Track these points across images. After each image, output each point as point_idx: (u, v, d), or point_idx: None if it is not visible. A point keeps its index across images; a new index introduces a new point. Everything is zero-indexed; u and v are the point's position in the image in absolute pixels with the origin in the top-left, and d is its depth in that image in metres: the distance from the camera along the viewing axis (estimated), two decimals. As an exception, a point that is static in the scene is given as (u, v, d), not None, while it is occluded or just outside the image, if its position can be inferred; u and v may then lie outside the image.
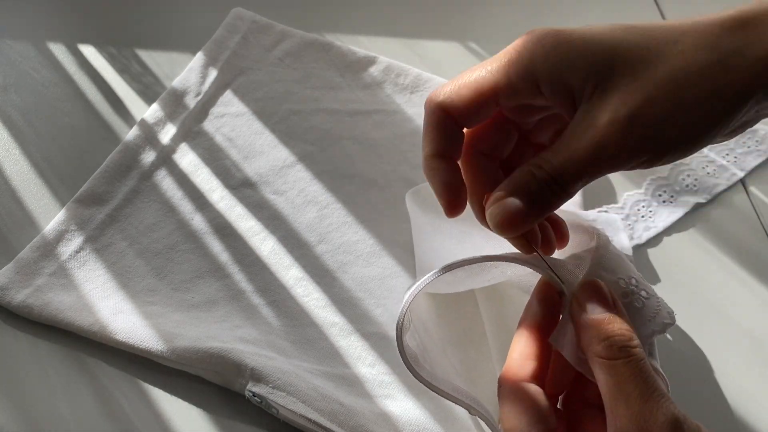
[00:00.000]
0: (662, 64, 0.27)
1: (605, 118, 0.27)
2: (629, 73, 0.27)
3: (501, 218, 0.28)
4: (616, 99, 0.27)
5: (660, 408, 0.26)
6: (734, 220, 0.50)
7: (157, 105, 0.51)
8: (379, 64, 0.57)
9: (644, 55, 0.27)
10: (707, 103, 0.26)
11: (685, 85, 0.26)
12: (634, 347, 0.27)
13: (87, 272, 0.43)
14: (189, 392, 0.39)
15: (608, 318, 0.28)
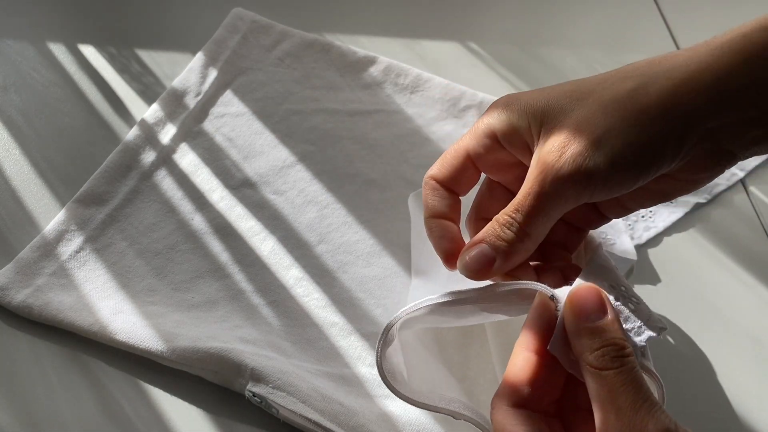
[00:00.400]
0: (593, 97, 0.30)
1: (547, 151, 0.30)
2: (566, 112, 0.31)
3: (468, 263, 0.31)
4: (557, 134, 0.30)
5: (651, 418, 0.26)
6: (734, 220, 0.50)
7: (157, 105, 0.51)
8: (379, 64, 0.57)
9: (577, 94, 0.31)
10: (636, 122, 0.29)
11: (613, 109, 0.30)
12: (627, 356, 0.27)
13: (87, 272, 0.43)
14: (189, 392, 0.39)
15: (600, 326, 0.28)
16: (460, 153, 0.34)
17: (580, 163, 0.29)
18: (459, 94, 0.56)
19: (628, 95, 0.30)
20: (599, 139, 0.29)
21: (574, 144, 0.29)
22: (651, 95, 0.29)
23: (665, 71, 0.30)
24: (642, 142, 0.29)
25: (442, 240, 0.34)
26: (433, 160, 0.51)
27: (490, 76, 0.59)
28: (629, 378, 0.26)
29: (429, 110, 0.55)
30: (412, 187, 0.50)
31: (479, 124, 0.34)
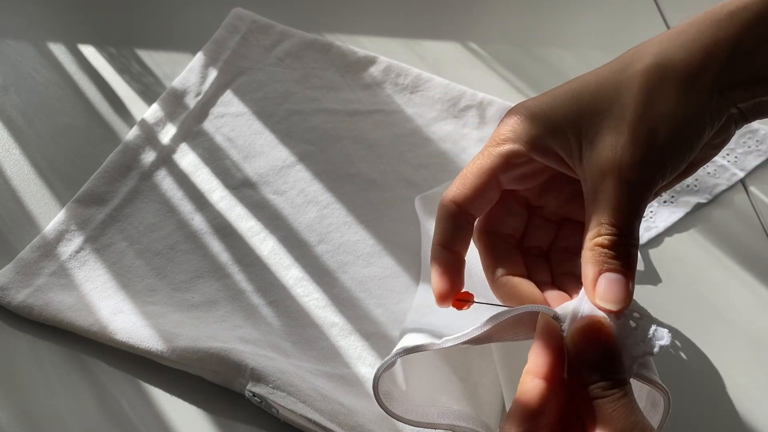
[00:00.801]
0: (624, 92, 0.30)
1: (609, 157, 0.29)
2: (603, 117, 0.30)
3: (612, 294, 0.29)
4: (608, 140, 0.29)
5: None
6: (734, 220, 0.50)
7: (157, 105, 0.51)
8: (379, 64, 0.57)
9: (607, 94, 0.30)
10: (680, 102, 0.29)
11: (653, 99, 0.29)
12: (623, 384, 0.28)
13: (87, 272, 0.43)
14: (189, 392, 0.39)
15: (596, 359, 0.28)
16: (484, 172, 0.32)
17: (648, 155, 0.29)
18: (459, 94, 0.56)
19: (659, 78, 0.29)
20: (653, 128, 0.29)
21: (634, 139, 0.29)
22: (680, 73, 0.29)
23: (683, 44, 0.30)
24: (689, 117, 0.29)
25: (443, 277, 0.32)
26: (433, 160, 0.52)
27: (490, 76, 0.59)
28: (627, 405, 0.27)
29: (429, 110, 0.55)
30: (412, 187, 0.50)
31: (502, 141, 0.32)
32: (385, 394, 0.34)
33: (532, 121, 0.31)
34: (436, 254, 0.33)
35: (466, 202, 0.33)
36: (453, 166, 0.52)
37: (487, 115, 0.55)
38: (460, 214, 0.33)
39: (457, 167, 0.51)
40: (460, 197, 0.33)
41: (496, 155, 0.32)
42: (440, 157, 0.52)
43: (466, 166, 0.33)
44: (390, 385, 0.34)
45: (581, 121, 0.30)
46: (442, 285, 0.32)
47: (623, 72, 0.30)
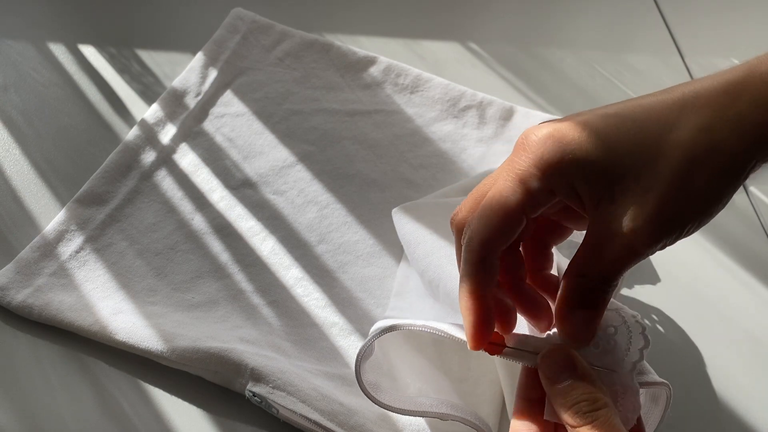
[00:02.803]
0: (663, 160, 0.28)
1: (628, 225, 0.28)
2: (634, 177, 0.29)
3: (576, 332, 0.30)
4: (631, 204, 0.28)
5: None
6: (734, 220, 0.50)
7: (157, 105, 0.51)
8: (379, 64, 0.57)
9: (644, 155, 0.29)
10: (713, 187, 0.28)
11: (689, 178, 0.28)
12: (599, 408, 0.28)
13: (87, 272, 0.43)
14: (189, 392, 0.39)
15: (569, 385, 0.29)
16: (511, 211, 0.30)
17: (664, 235, 0.28)
18: (459, 94, 0.56)
19: (702, 159, 0.28)
20: (679, 213, 0.28)
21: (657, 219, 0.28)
22: (725, 161, 0.28)
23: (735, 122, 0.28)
24: (719, 205, 0.29)
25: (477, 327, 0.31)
26: (433, 160, 0.52)
27: (490, 76, 0.59)
28: (603, 430, 0.27)
29: (429, 110, 0.55)
30: (412, 187, 0.50)
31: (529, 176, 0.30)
32: (373, 385, 0.34)
33: (563, 161, 0.29)
34: (468, 303, 0.31)
35: (496, 244, 0.31)
36: (453, 166, 0.52)
37: (487, 115, 0.55)
38: (490, 257, 0.31)
39: (457, 167, 0.52)
40: (489, 240, 0.30)
41: (524, 193, 0.30)
42: (440, 157, 0.52)
43: (488, 201, 0.31)
44: (378, 377, 0.35)
45: (612, 175, 0.29)
46: (477, 334, 0.31)
47: (667, 133, 0.29)
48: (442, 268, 0.38)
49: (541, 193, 0.30)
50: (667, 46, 0.63)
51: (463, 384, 0.40)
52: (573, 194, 0.30)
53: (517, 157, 0.31)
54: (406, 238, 0.42)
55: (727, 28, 0.65)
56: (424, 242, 0.41)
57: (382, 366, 0.36)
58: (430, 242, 0.40)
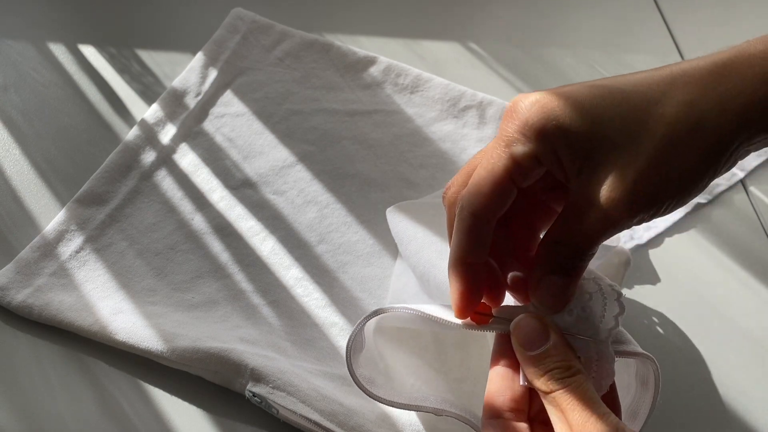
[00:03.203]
0: (646, 133, 0.28)
1: (605, 195, 0.28)
2: (616, 148, 0.29)
3: (548, 298, 0.30)
4: (611, 175, 0.28)
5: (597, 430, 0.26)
6: (734, 220, 0.50)
7: (157, 105, 0.51)
8: (379, 64, 0.57)
9: (628, 127, 0.29)
10: (695, 164, 0.28)
11: (672, 152, 0.28)
12: (573, 374, 0.28)
13: (87, 272, 0.43)
14: (189, 392, 0.39)
15: (543, 353, 0.29)
16: (500, 178, 0.30)
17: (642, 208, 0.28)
18: (459, 94, 0.56)
19: (685, 136, 0.28)
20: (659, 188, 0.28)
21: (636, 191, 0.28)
22: (708, 137, 0.28)
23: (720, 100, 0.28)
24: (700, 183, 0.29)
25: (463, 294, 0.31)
26: (433, 160, 0.52)
27: (490, 76, 0.59)
28: (576, 395, 0.27)
29: (429, 110, 0.55)
30: (412, 187, 0.50)
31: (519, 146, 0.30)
32: (367, 379, 0.34)
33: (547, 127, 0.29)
34: (456, 270, 0.31)
35: (486, 212, 0.31)
36: (453, 166, 0.52)
37: (487, 115, 0.55)
38: (480, 224, 0.31)
39: (457, 167, 0.51)
40: (479, 209, 0.31)
41: (509, 158, 0.30)
42: (440, 157, 0.52)
43: (477, 170, 0.31)
44: (374, 373, 0.35)
45: (594, 143, 0.29)
46: (462, 301, 0.31)
47: (652, 106, 0.29)
48: (432, 263, 0.38)
49: (526, 159, 0.30)
50: (667, 46, 0.63)
51: (462, 384, 0.40)
52: (556, 162, 0.30)
53: (505, 125, 0.31)
54: (399, 236, 0.42)
55: (727, 27, 0.65)
56: (416, 239, 0.41)
57: (378, 365, 0.36)
58: (422, 238, 0.40)
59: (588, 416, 0.27)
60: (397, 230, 0.43)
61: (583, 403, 0.27)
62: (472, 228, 0.31)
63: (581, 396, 0.27)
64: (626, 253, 0.45)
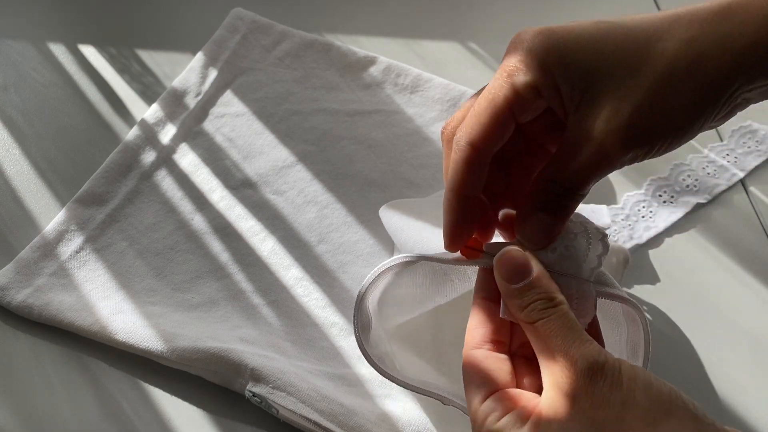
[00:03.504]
0: (646, 68, 0.28)
1: (601, 127, 0.28)
2: (615, 81, 0.28)
3: (534, 234, 0.30)
4: (609, 107, 0.28)
5: (579, 356, 0.27)
6: (734, 221, 0.50)
7: (157, 105, 0.51)
8: (379, 64, 0.57)
9: (628, 61, 0.29)
10: (692, 102, 0.28)
11: (670, 88, 0.28)
12: (556, 305, 0.28)
13: (87, 272, 0.43)
14: (189, 392, 0.39)
15: (526, 285, 0.29)
16: (500, 110, 0.30)
17: (639, 143, 0.28)
18: (459, 94, 0.55)
19: (684, 73, 0.28)
20: (656, 121, 0.28)
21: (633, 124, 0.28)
22: (708, 75, 0.28)
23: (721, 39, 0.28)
24: (697, 121, 0.29)
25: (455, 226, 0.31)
26: (433, 160, 0.52)
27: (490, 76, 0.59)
28: (558, 324, 0.28)
29: (429, 110, 0.55)
30: (413, 187, 0.50)
31: (520, 78, 0.30)
32: (378, 358, 0.34)
33: (548, 57, 0.29)
34: (449, 201, 0.31)
35: (484, 144, 0.30)
36: (453, 166, 0.52)
37: (487, 115, 0.55)
38: (476, 157, 0.31)
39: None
40: (477, 140, 0.30)
41: (510, 89, 0.30)
42: (440, 158, 0.52)
43: (477, 101, 0.31)
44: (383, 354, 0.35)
45: (594, 76, 0.29)
46: (454, 232, 0.32)
47: (654, 42, 0.29)
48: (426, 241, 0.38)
49: (527, 90, 0.30)
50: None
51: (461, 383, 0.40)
52: (556, 95, 0.30)
53: (508, 56, 0.31)
54: (392, 229, 0.42)
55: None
56: (409, 227, 0.40)
57: (386, 347, 0.36)
58: (416, 228, 0.40)
59: (570, 342, 0.27)
60: (391, 223, 0.43)
61: (565, 330, 0.27)
62: (468, 159, 0.31)
63: (564, 325, 0.28)
64: (624, 251, 0.45)
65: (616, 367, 0.26)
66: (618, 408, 0.26)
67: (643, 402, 0.26)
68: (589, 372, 0.26)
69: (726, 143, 0.54)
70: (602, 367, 0.26)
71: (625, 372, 0.26)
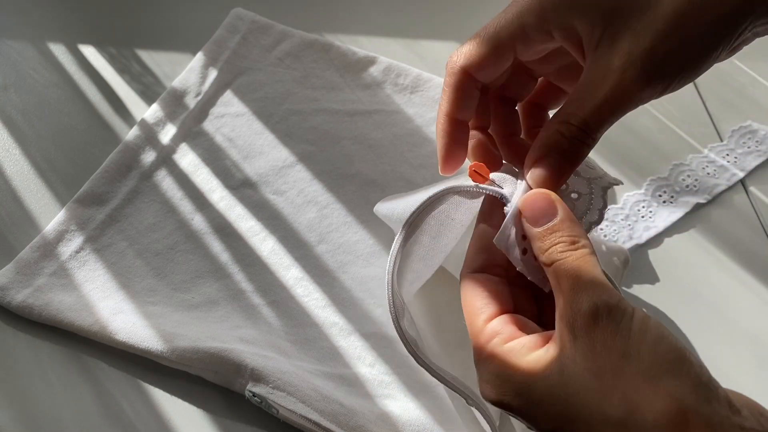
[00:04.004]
0: (663, 2, 0.28)
1: (620, 62, 0.28)
2: (635, 15, 0.29)
3: (543, 178, 0.30)
4: (628, 41, 0.29)
5: (586, 298, 0.26)
6: (734, 220, 0.50)
7: (157, 105, 0.51)
8: (379, 64, 0.57)
9: None
10: (709, 31, 0.28)
11: (686, 20, 0.28)
12: (575, 249, 0.28)
13: (87, 272, 0.43)
14: (189, 392, 0.39)
15: (549, 228, 0.29)
16: (503, 41, 0.31)
17: (656, 75, 0.28)
18: (459, 94, 0.56)
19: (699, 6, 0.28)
20: (673, 50, 0.28)
21: (651, 55, 0.28)
22: (724, 7, 0.28)
23: None
24: (710, 53, 0.29)
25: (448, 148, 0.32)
26: (433, 160, 0.52)
27: (490, 76, 0.59)
28: (574, 266, 0.28)
29: (429, 110, 0.55)
30: (412, 187, 0.50)
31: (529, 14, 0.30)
32: (413, 341, 0.33)
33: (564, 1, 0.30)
34: (443, 124, 0.32)
35: (477, 69, 0.31)
36: (453, 166, 0.52)
37: (487, 115, 0.55)
38: (469, 83, 0.32)
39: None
40: (472, 65, 0.31)
41: (517, 24, 0.30)
42: (440, 157, 0.52)
43: (478, 32, 0.32)
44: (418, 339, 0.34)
45: (614, 14, 0.29)
46: (447, 154, 0.32)
47: None
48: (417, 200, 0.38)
49: (536, 32, 0.30)
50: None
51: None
52: (573, 35, 0.30)
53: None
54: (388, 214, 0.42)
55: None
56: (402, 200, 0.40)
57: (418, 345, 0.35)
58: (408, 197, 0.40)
59: (582, 283, 0.27)
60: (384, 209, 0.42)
61: (579, 272, 0.27)
62: (458, 83, 0.32)
63: (579, 267, 0.27)
64: (624, 252, 0.45)
65: (627, 315, 0.26)
66: (617, 357, 0.25)
67: (648, 357, 0.25)
68: (593, 315, 0.26)
69: (726, 143, 0.54)
70: (609, 312, 0.26)
71: (636, 322, 0.26)
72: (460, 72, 0.32)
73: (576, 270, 0.27)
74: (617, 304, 0.26)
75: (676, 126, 0.56)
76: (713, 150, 0.54)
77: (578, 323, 0.26)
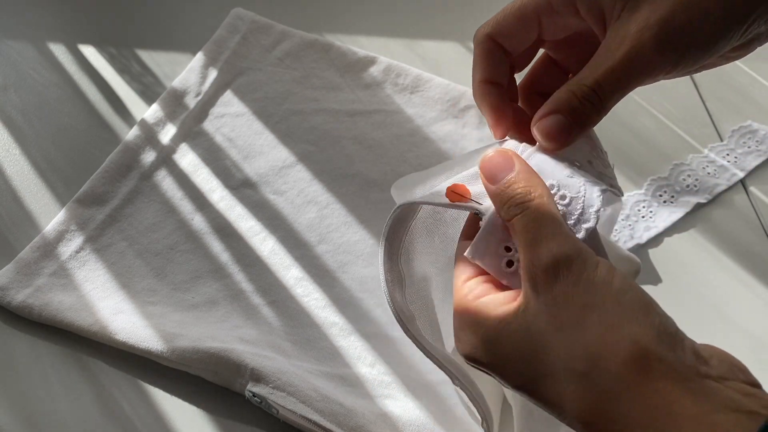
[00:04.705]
0: None
1: (637, 27, 0.29)
2: None
3: (549, 129, 0.30)
4: (646, 10, 0.29)
5: (545, 251, 0.26)
6: (734, 220, 0.50)
7: (157, 105, 0.51)
8: (379, 64, 0.57)
9: None
10: (722, 12, 0.29)
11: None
12: (531, 200, 0.28)
13: (87, 272, 0.43)
14: (189, 392, 0.39)
15: (504, 184, 0.29)
16: (528, 12, 0.32)
17: (670, 46, 0.29)
18: (459, 94, 0.55)
19: None
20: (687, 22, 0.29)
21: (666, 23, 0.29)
22: None
23: None
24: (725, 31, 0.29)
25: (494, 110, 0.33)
26: (433, 160, 0.52)
27: (490, 76, 0.59)
28: (532, 217, 0.27)
29: (429, 110, 0.55)
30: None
31: None
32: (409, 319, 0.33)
33: None
34: (482, 90, 0.33)
35: (502, 38, 0.33)
36: (453, 166, 0.52)
37: (487, 115, 0.55)
38: (496, 50, 0.33)
39: (457, 167, 0.51)
40: (498, 34, 0.32)
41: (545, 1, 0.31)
42: (440, 158, 0.52)
43: (510, 4, 0.33)
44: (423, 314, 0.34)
45: None
46: (495, 113, 0.33)
47: None
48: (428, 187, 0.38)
49: (562, 4, 0.31)
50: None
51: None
52: (596, 8, 0.30)
53: None
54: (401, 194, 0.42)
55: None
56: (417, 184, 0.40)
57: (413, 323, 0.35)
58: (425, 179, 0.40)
59: (540, 236, 0.26)
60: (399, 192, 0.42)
61: (537, 224, 0.27)
62: (487, 49, 0.33)
63: (537, 218, 0.27)
64: (637, 263, 0.44)
65: (589, 265, 0.25)
66: (578, 309, 0.25)
67: (611, 307, 0.25)
68: (554, 268, 0.25)
69: (726, 143, 0.54)
70: (570, 264, 0.25)
71: (601, 272, 0.25)
72: (487, 39, 0.33)
73: (533, 222, 0.27)
74: (578, 255, 0.26)
75: (677, 126, 0.56)
76: (713, 150, 0.54)
77: (539, 277, 0.26)
